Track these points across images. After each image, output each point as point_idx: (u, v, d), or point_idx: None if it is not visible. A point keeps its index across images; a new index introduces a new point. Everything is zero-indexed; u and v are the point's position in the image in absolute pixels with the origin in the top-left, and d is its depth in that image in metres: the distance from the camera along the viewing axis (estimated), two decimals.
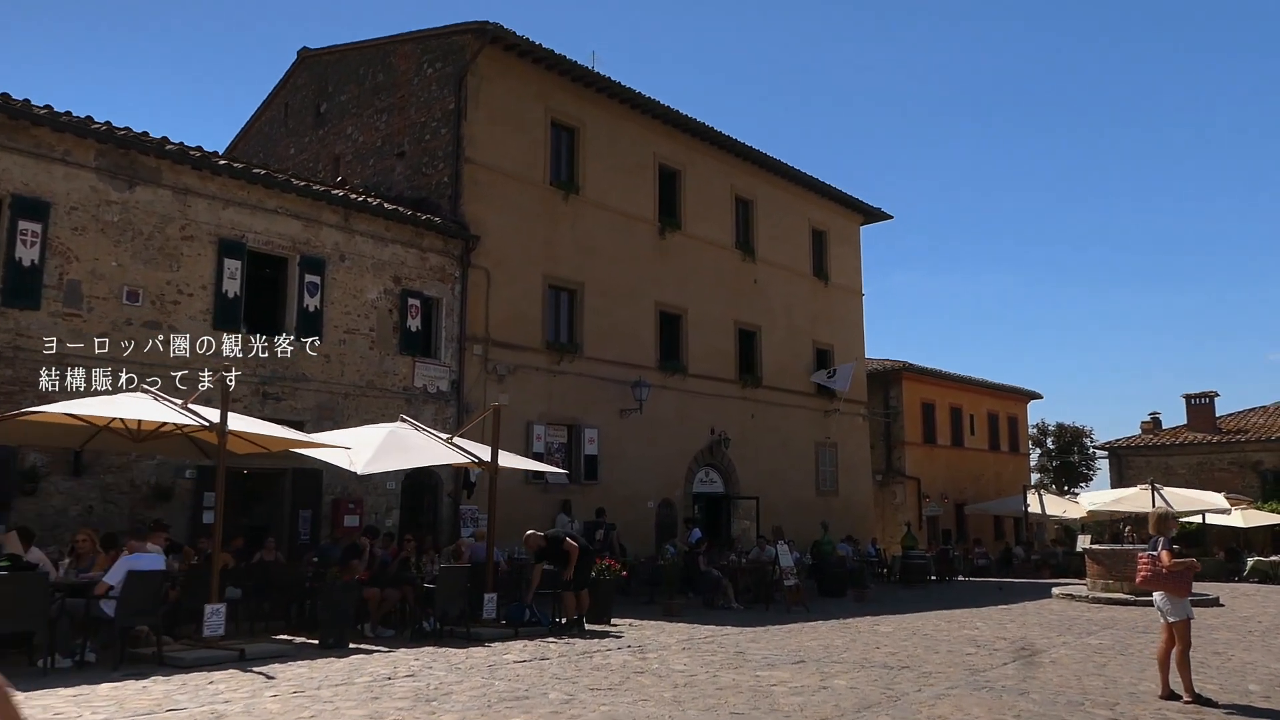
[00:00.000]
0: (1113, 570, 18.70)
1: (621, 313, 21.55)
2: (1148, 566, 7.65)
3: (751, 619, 13.68)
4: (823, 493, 26.95)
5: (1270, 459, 36.42)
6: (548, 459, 19.50)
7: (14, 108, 12.51)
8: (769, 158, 25.74)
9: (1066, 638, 11.89)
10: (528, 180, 19.85)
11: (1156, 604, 7.76)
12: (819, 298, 28.03)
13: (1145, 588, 7.78)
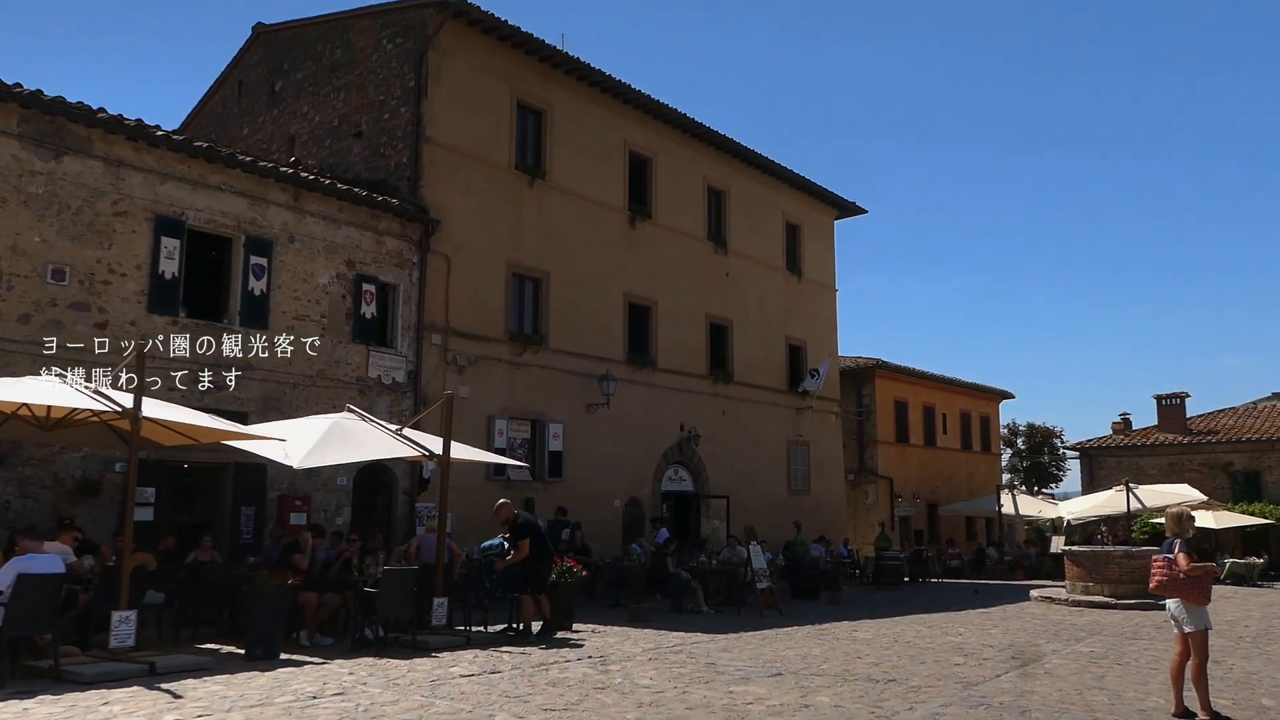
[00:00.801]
0: (1093, 572, 18.15)
1: (589, 303, 20.71)
2: (1163, 570, 6.96)
3: (723, 624, 12.91)
4: (794, 492, 26.26)
5: (1240, 460, 36.28)
6: (510, 455, 18.65)
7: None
8: (742, 147, 25.00)
9: (1056, 645, 11.23)
10: (492, 163, 18.95)
11: (1171, 612, 7.06)
12: (792, 292, 27.35)
13: (1160, 594, 7.09)
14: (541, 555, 10.99)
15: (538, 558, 10.94)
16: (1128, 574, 17.92)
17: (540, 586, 10.84)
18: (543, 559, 11.03)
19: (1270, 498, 34.64)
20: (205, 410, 11.51)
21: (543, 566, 11.03)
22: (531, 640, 10.43)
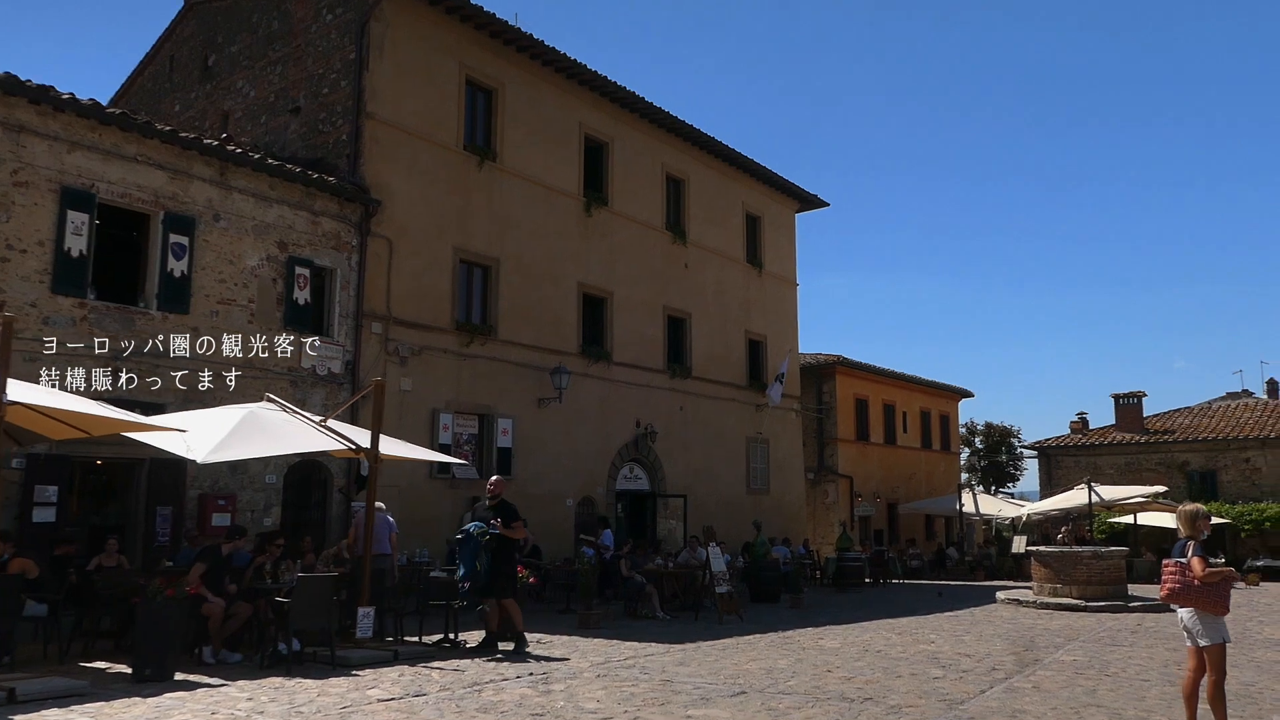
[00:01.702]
0: (1061, 573, 17.56)
1: (541, 293, 19.74)
2: (1175, 577, 6.20)
3: (679, 632, 12.02)
4: (754, 491, 25.50)
5: (1196, 459, 36.26)
6: (456, 451, 17.63)
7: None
8: (703, 134, 24.16)
9: (1034, 653, 10.49)
10: (438, 142, 17.91)
11: (1184, 624, 6.30)
12: (752, 286, 26.59)
13: (1172, 603, 6.33)
14: (509, 555, 10.05)
15: (508, 558, 10.00)
16: (1096, 575, 17.37)
17: (510, 589, 9.89)
18: (510, 559, 10.10)
19: (1226, 497, 34.61)
20: (116, 402, 10.39)
21: (511, 567, 10.10)
22: (487, 654, 9.46)
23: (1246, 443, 35.21)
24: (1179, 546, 6.35)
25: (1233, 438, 35.62)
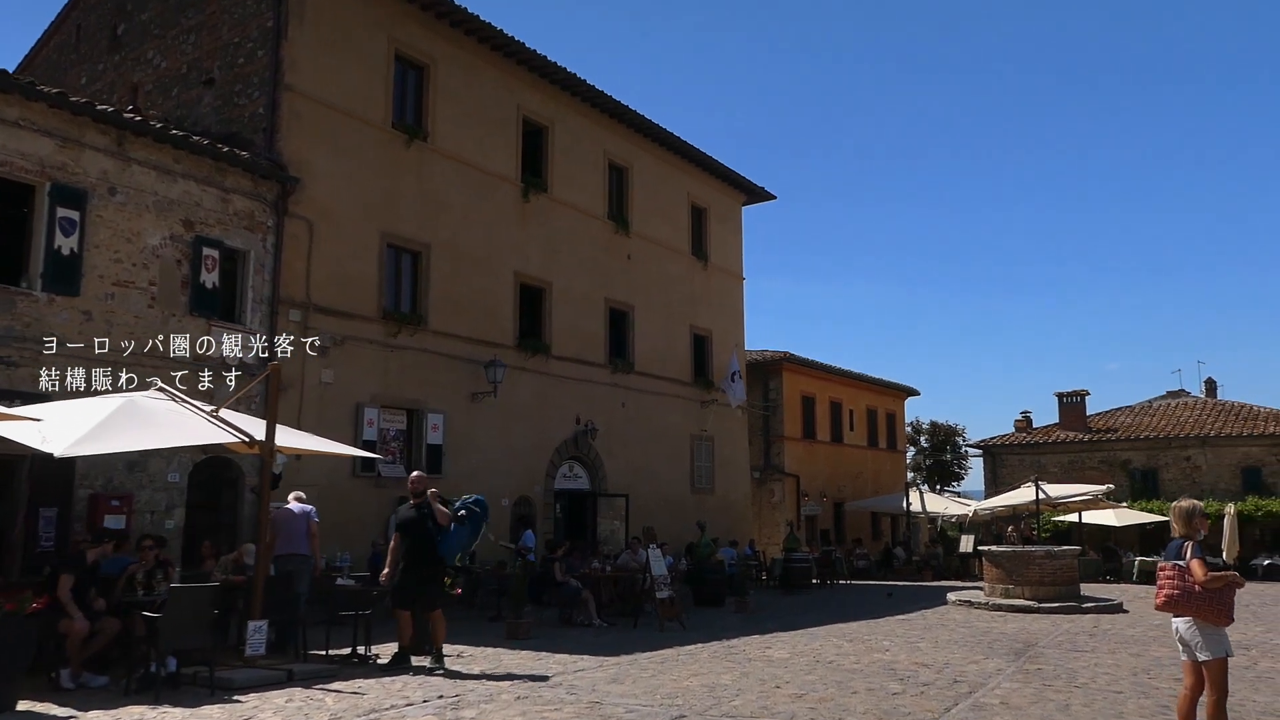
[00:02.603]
0: (1013, 574, 17.01)
1: (475, 281, 18.70)
2: (1174, 582, 5.47)
3: (616, 642, 11.12)
4: (698, 490, 24.71)
5: (1138, 458, 36.38)
6: (382, 448, 16.55)
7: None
8: (647, 121, 23.31)
9: (996, 662, 9.78)
10: (364, 119, 16.79)
11: (1180, 635, 5.58)
12: (697, 279, 25.80)
13: (1170, 611, 5.60)
14: (437, 559, 9.01)
15: (432, 560, 8.96)
16: (1049, 575, 16.86)
17: (436, 599, 8.84)
18: (438, 564, 9.06)
19: (1168, 495, 34.70)
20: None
21: (437, 571, 9.05)
22: (389, 668, 8.47)
23: (1187, 441, 35.39)
24: (1174, 547, 5.63)
25: (1173, 436, 35.79)
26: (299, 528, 11.55)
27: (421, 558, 8.81)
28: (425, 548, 8.77)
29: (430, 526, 8.78)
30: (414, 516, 8.80)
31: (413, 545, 8.86)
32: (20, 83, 12.00)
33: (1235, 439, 34.66)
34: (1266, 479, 33.57)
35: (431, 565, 8.81)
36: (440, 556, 8.89)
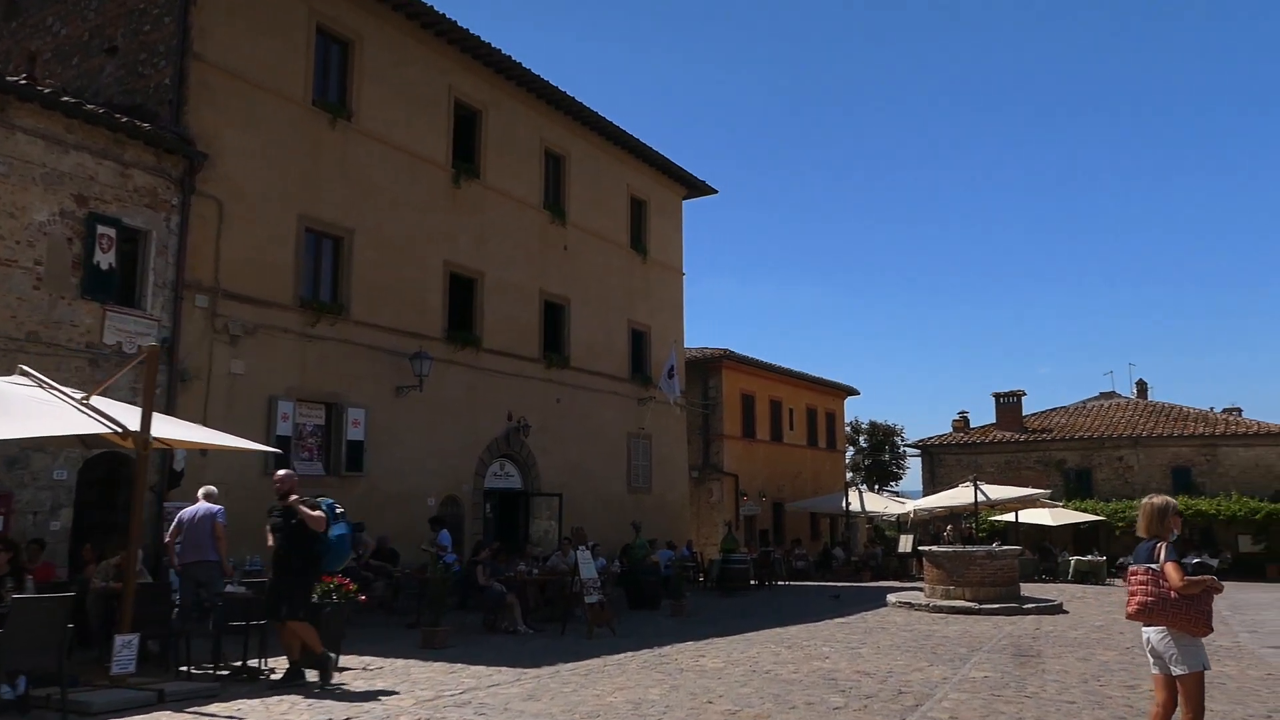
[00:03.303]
0: (954, 575, 16.66)
1: (402, 270, 17.79)
2: (1147, 588, 4.92)
3: (539, 651, 10.39)
4: (635, 489, 24.05)
5: (1073, 458, 36.67)
6: (297, 444, 15.59)
7: None
8: (586, 109, 22.57)
9: (941, 669, 9.26)
10: (282, 95, 15.81)
11: (1152, 645, 5.03)
12: (636, 273, 25.13)
13: (1142, 621, 5.05)
14: (308, 563, 8.04)
15: (302, 567, 7.99)
16: (990, 576, 16.53)
17: (297, 608, 7.89)
18: (309, 569, 8.08)
19: (1101, 495, 35.04)
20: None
21: (308, 578, 8.11)
22: (281, 685, 7.62)
23: (1120, 441, 35.76)
24: (1145, 549, 5.09)
25: (1107, 436, 36.15)
26: (205, 530, 10.61)
27: (286, 564, 7.92)
28: (289, 553, 7.87)
29: (296, 529, 7.85)
30: (280, 520, 7.91)
31: (278, 550, 8.00)
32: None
33: (1166, 439, 35.10)
34: (1196, 479, 34.03)
35: (295, 573, 7.88)
36: (308, 564, 7.93)
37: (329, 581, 8.84)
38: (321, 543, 7.92)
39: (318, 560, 8.00)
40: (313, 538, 7.85)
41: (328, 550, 8.00)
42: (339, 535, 8.02)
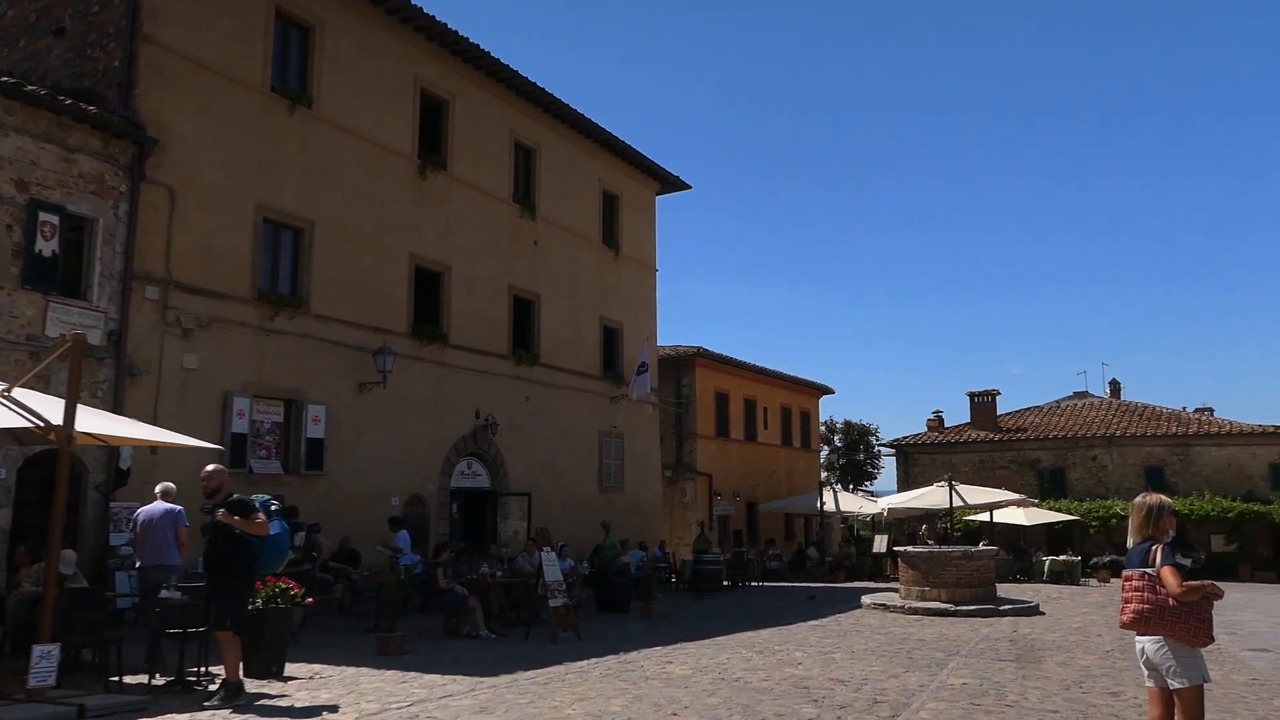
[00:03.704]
0: (929, 575, 16.35)
1: (365, 263, 17.27)
2: (1142, 595, 4.55)
3: (500, 658, 9.93)
4: (606, 489, 23.61)
5: (1047, 457, 36.61)
6: (255, 441, 15.04)
7: None
8: (557, 101, 22.11)
9: (918, 676, 8.90)
10: (239, 80, 15.24)
11: (1148, 656, 4.66)
12: (608, 269, 24.70)
13: (1137, 630, 4.68)
14: (243, 568, 7.46)
15: (236, 571, 7.39)
16: (966, 577, 16.24)
17: (230, 618, 7.30)
18: (244, 574, 7.49)
19: (1075, 494, 35.01)
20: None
21: (243, 584, 7.50)
22: (221, 701, 7.12)
23: (1093, 441, 35.74)
24: (1139, 552, 4.71)
25: (1081, 436, 36.12)
26: (166, 533, 10.07)
27: (215, 567, 7.35)
28: (218, 557, 7.31)
29: (225, 528, 7.27)
30: (208, 521, 7.37)
31: (207, 553, 7.47)
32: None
33: (1139, 439, 35.11)
34: (1169, 478, 34.04)
35: (226, 576, 7.29)
36: (241, 567, 7.32)
37: (274, 584, 8.35)
38: (255, 543, 7.41)
39: (252, 564, 7.47)
40: (245, 538, 7.31)
41: (262, 552, 7.49)
42: (274, 534, 7.51)
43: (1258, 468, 33.40)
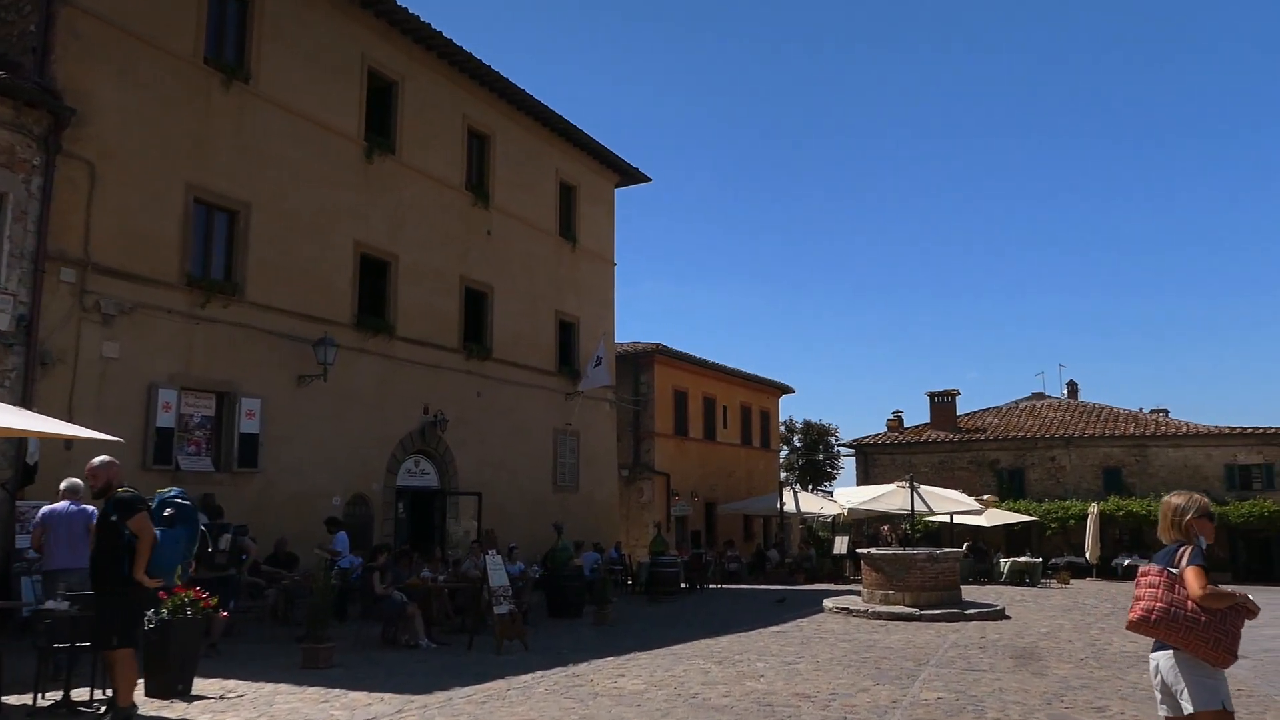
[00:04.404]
0: (894, 579, 15.81)
1: (306, 249, 16.35)
2: (1156, 593, 3.90)
3: (438, 670, 9.15)
4: (561, 488, 22.83)
5: (1006, 458, 36.46)
6: (183, 436, 14.09)
7: None
8: (513, 86, 21.28)
9: (888, 689, 8.27)
10: (168, 49, 14.26)
11: (1160, 673, 4.01)
12: (565, 261, 23.92)
13: (1142, 632, 4.02)
14: (116, 579, 6.51)
15: (121, 580, 6.46)
16: (931, 580, 15.72)
17: (118, 632, 6.41)
18: (133, 583, 6.55)
19: (1033, 495, 34.88)
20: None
21: (132, 595, 6.58)
22: None
23: (1052, 441, 35.63)
24: (1167, 552, 4.07)
25: (1039, 436, 36.00)
26: (77, 533, 9.13)
27: (99, 576, 6.47)
28: (103, 564, 6.44)
29: (112, 530, 6.42)
30: (98, 521, 6.49)
31: (93, 559, 6.61)
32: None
33: (1097, 439, 35.06)
34: (1126, 479, 34.02)
35: (111, 585, 6.40)
36: (125, 575, 6.45)
37: (182, 594, 7.49)
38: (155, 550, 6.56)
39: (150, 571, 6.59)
40: (135, 543, 6.45)
41: (158, 559, 6.63)
42: (164, 539, 6.63)
43: (1213, 469, 33.47)
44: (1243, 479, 32.97)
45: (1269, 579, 30.27)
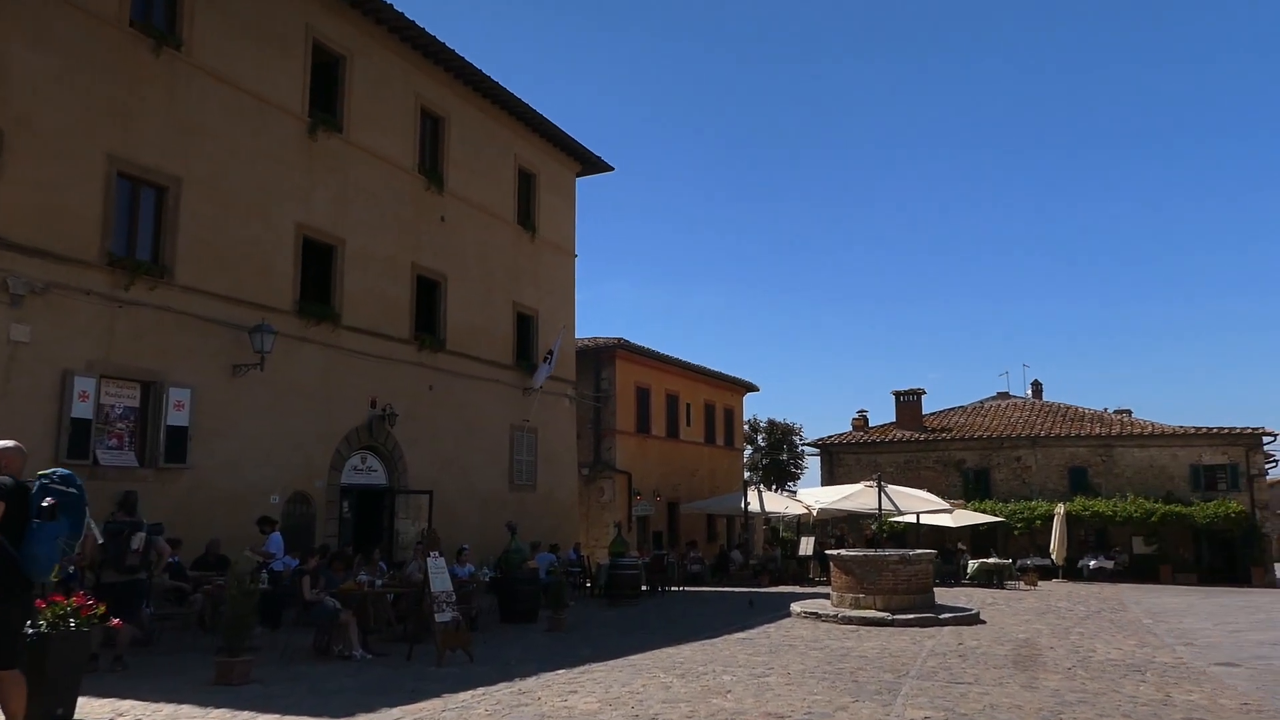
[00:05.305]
0: (864, 581, 15.07)
1: (243, 230, 15.28)
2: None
3: (370, 685, 8.21)
4: (518, 487, 21.88)
5: (971, 458, 36.01)
6: (102, 428, 12.99)
7: None
8: (471, 66, 20.32)
9: (869, 706, 7.47)
10: (88, 10, 13.16)
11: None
12: (524, 251, 22.98)
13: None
14: (15, 583, 5.53)
15: (8, 587, 5.47)
16: (903, 583, 15.01)
17: (1, 650, 5.43)
18: (17, 590, 5.55)
19: (999, 495, 34.46)
20: None
21: (12, 606, 5.57)
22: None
23: (1018, 441, 35.23)
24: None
25: (1005, 436, 35.59)
26: None
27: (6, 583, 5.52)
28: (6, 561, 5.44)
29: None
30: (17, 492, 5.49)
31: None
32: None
33: (1063, 439, 34.72)
34: (1092, 479, 33.69)
35: (19, 592, 5.47)
36: (15, 578, 5.49)
37: (62, 603, 6.48)
38: (14, 550, 5.53)
39: (14, 580, 5.56)
40: (5, 545, 5.44)
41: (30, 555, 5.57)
42: (45, 531, 5.60)
43: (1178, 469, 33.23)
44: (1208, 479, 32.75)
45: (1233, 580, 30.09)
